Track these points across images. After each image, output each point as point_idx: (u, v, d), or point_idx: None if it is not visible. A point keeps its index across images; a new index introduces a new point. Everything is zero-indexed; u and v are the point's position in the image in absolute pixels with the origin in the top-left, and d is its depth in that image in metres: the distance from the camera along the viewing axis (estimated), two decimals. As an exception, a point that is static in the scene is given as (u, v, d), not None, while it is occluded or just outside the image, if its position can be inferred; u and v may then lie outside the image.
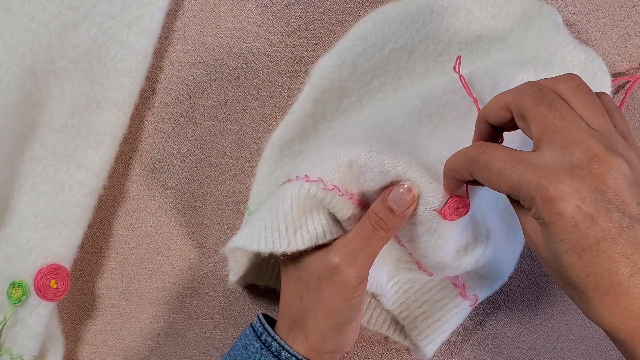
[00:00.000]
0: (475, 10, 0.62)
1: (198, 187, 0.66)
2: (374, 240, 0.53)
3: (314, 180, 0.54)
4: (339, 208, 0.54)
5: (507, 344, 0.66)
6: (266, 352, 0.54)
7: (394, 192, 0.52)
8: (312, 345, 0.54)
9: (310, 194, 0.54)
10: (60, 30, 0.61)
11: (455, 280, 0.60)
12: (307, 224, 0.54)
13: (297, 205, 0.54)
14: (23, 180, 0.60)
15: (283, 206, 0.54)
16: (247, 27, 0.66)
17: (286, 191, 0.54)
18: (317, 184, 0.54)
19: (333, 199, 0.54)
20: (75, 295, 0.64)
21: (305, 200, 0.54)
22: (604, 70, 0.58)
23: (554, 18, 0.60)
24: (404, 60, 0.62)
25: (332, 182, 0.54)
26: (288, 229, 0.54)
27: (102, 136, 0.62)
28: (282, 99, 0.66)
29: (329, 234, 0.54)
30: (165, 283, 0.65)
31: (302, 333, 0.54)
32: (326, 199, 0.54)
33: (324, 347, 0.54)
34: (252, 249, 0.55)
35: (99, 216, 0.64)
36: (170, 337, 0.65)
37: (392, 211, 0.52)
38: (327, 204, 0.54)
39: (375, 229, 0.53)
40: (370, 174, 0.54)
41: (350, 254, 0.52)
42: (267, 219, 0.55)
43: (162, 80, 0.66)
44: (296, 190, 0.54)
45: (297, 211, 0.54)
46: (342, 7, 0.67)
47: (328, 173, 0.54)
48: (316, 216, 0.55)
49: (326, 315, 0.53)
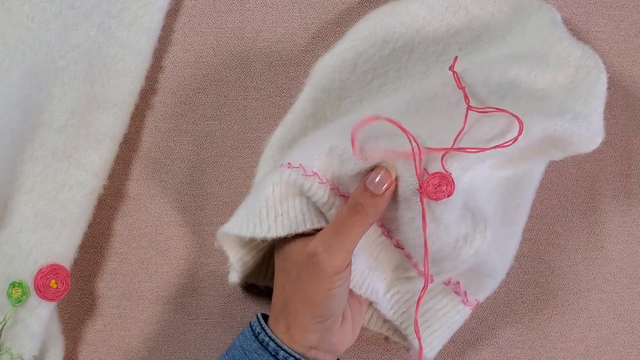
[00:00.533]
0: (475, 9, 0.62)
1: (198, 187, 0.66)
2: (349, 226, 0.52)
3: (295, 167, 0.54)
4: (319, 195, 0.55)
5: (507, 344, 0.66)
6: (263, 351, 0.54)
7: (372, 174, 0.53)
8: (294, 337, 0.54)
9: (290, 179, 0.54)
10: (60, 30, 0.61)
11: (457, 288, 0.60)
12: (287, 211, 0.55)
13: (279, 191, 0.55)
14: (23, 180, 0.60)
15: (265, 192, 0.55)
16: (247, 27, 0.66)
17: (269, 178, 0.55)
18: (297, 170, 0.54)
19: (312, 185, 0.54)
20: (75, 295, 0.64)
21: (287, 186, 0.54)
22: (600, 66, 0.58)
23: (552, 15, 0.60)
24: (404, 60, 0.62)
25: (312, 168, 0.54)
26: (269, 214, 0.54)
27: (102, 136, 0.62)
28: (282, 99, 0.66)
29: (309, 222, 0.54)
30: (165, 283, 0.65)
31: (285, 323, 0.54)
32: (305, 185, 0.54)
33: (305, 340, 0.54)
34: (234, 232, 0.55)
35: (99, 216, 0.64)
36: (170, 337, 0.65)
37: (371, 193, 0.52)
38: (307, 191, 0.54)
39: (351, 213, 0.52)
40: (349, 163, 0.54)
41: (326, 241, 0.52)
42: (250, 205, 0.56)
43: (162, 80, 0.66)
44: (277, 176, 0.55)
45: (278, 197, 0.55)
46: (342, 7, 0.67)
47: (308, 159, 0.54)
48: (298, 203, 0.55)
49: (305, 305, 0.53)
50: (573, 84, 0.58)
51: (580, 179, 0.66)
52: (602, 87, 0.58)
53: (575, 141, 0.56)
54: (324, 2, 0.67)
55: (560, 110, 0.56)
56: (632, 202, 0.66)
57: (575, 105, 0.57)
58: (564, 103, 0.57)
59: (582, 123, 0.56)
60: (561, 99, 0.57)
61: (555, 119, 0.55)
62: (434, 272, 0.57)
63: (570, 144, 0.57)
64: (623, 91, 0.66)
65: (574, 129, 0.55)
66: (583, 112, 0.56)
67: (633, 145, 0.67)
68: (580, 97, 0.57)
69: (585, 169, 0.66)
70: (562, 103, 0.57)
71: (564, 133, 0.55)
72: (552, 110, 0.56)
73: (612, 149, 0.66)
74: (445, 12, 0.62)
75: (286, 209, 0.55)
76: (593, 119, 0.57)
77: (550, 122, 0.55)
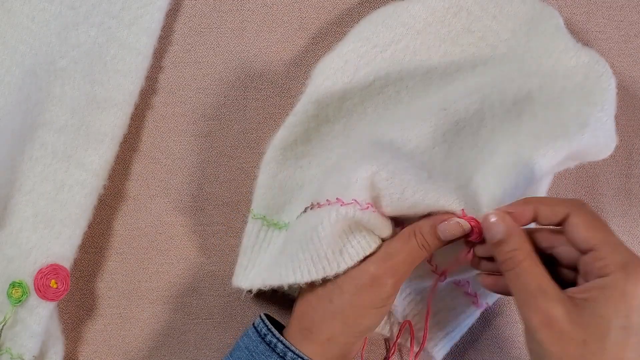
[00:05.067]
0: (476, 11, 0.62)
1: (198, 187, 0.66)
2: (418, 259, 0.54)
3: (349, 203, 0.55)
4: (376, 224, 0.55)
5: (507, 344, 0.66)
6: (271, 353, 0.54)
7: (447, 223, 0.53)
8: (329, 349, 0.54)
9: (348, 216, 0.54)
10: (61, 30, 0.61)
11: (467, 289, 0.60)
12: (350, 241, 0.55)
13: (336, 228, 0.55)
14: (23, 180, 0.60)
15: (324, 232, 0.55)
16: (247, 27, 0.66)
17: (321, 217, 0.55)
18: (353, 206, 0.55)
19: (371, 217, 0.55)
20: (75, 295, 0.64)
21: (344, 222, 0.55)
22: (608, 72, 0.58)
23: (555, 21, 0.60)
24: (406, 62, 0.62)
25: (366, 201, 0.55)
26: (334, 252, 0.55)
27: (102, 136, 0.62)
28: (282, 100, 0.66)
29: (373, 243, 0.55)
30: (165, 283, 0.65)
31: (324, 335, 0.54)
32: (364, 219, 0.55)
33: (340, 352, 0.55)
34: (304, 280, 0.55)
35: (99, 216, 0.64)
36: (170, 337, 0.65)
37: (439, 239, 0.54)
38: (366, 223, 0.55)
39: (420, 248, 0.54)
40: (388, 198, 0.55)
41: (394, 268, 0.54)
42: (309, 249, 0.55)
43: (162, 80, 0.66)
44: (334, 215, 0.55)
45: (337, 233, 0.55)
46: (342, 7, 0.67)
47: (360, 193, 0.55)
48: (356, 231, 0.55)
49: (357, 320, 0.54)
50: (584, 91, 0.57)
51: (581, 179, 0.66)
52: (613, 92, 0.58)
53: (593, 151, 0.57)
54: (324, 2, 0.67)
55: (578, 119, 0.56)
56: (632, 202, 0.66)
57: (594, 112, 0.56)
58: (581, 110, 0.56)
59: (600, 134, 0.56)
60: (577, 106, 0.57)
61: (576, 137, 0.55)
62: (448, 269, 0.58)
63: (587, 154, 0.57)
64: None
65: (593, 141, 0.56)
66: (602, 119, 0.56)
67: (633, 145, 0.67)
68: (597, 102, 0.57)
69: (585, 169, 0.66)
70: (579, 110, 0.56)
71: (584, 146, 0.56)
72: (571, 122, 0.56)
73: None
74: (446, 14, 0.61)
75: (347, 240, 0.55)
76: (609, 125, 0.57)
77: (572, 144, 0.55)
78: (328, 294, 0.55)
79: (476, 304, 0.60)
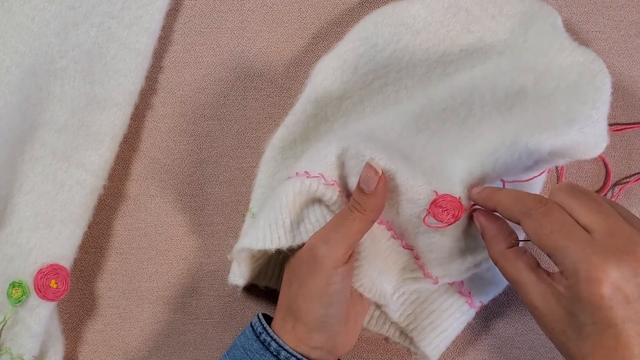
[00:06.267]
0: (475, 11, 0.62)
1: (198, 187, 0.66)
2: (348, 221, 0.54)
3: (314, 176, 0.56)
4: (338, 204, 0.56)
5: (507, 343, 0.66)
6: (265, 351, 0.54)
7: (362, 173, 0.54)
8: (299, 337, 0.54)
9: (311, 189, 0.56)
10: (60, 30, 0.61)
11: (461, 288, 0.60)
12: (309, 216, 0.56)
13: (299, 200, 0.56)
14: (23, 180, 0.60)
15: (286, 202, 0.56)
16: (247, 27, 0.66)
17: (287, 188, 0.56)
18: (317, 179, 0.56)
19: (333, 195, 0.56)
20: (75, 295, 0.64)
21: (307, 195, 0.56)
22: (604, 71, 0.58)
23: (552, 20, 0.60)
24: (405, 61, 0.62)
25: (332, 177, 0.56)
26: (292, 223, 0.56)
27: (102, 136, 0.62)
28: (282, 99, 0.66)
29: None
30: (165, 283, 0.65)
31: (291, 322, 0.55)
32: (327, 194, 0.56)
33: (310, 340, 0.54)
34: (258, 247, 0.55)
35: (99, 216, 0.64)
36: (170, 337, 0.65)
37: (363, 191, 0.54)
38: (328, 199, 0.56)
39: (351, 210, 0.54)
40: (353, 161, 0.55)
41: (324, 235, 0.54)
42: (270, 217, 0.56)
43: (162, 80, 0.66)
44: (298, 185, 0.56)
45: (299, 206, 0.56)
46: (342, 7, 0.67)
47: (328, 169, 0.56)
48: (317, 208, 0.56)
49: (307, 300, 0.54)
50: (577, 89, 0.58)
51: (581, 179, 0.66)
52: (607, 92, 0.58)
53: (582, 149, 0.57)
54: (324, 2, 0.67)
55: (568, 117, 0.56)
56: (632, 202, 0.66)
57: (584, 110, 0.56)
58: (571, 108, 0.57)
59: (589, 131, 0.56)
60: (567, 105, 0.57)
61: (563, 132, 0.55)
62: (440, 275, 0.58)
63: (576, 152, 0.57)
64: (623, 91, 0.66)
65: (580, 138, 0.55)
66: (592, 118, 0.56)
67: (633, 145, 0.67)
68: (588, 101, 0.57)
69: (585, 169, 0.66)
70: (569, 109, 0.57)
71: (572, 143, 0.56)
72: (560, 118, 0.56)
73: (612, 149, 0.66)
74: (446, 14, 0.61)
75: (307, 215, 0.56)
76: (600, 124, 0.57)
77: (558, 139, 0.55)
78: (289, 278, 0.55)
79: (470, 304, 0.60)
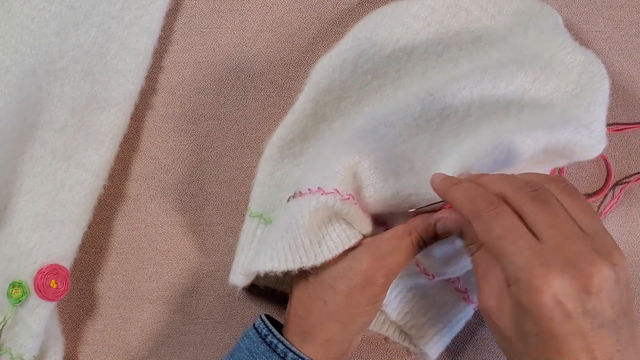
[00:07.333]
0: (475, 11, 0.62)
1: (198, 187, 0.66)
2: (411, 257, 0.55)
3: (329, 192, 0.55)
4: (356, 217, 0.56)
5: (507, 344, 0.66)
6: (272, 354, 0.54)
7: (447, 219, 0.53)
8: (329, 349, 0.55)
9: (328, 205, 0.55)
10: (60, 30, 0.61)
11: (458, 285, 0.60)
12: (329, 233, 0.55)
13: (316, 218, 0.55)
14: (23, 180, 0.60)
15: (302, 222, 0.55)
16: (247, 27, 0.67)
17: (301, 206, 0.55)
18: (333, 195, 0.55)
19: (351, 209, 0.55)
20: (75, 295, 0.64)
21: (324, 212, 0.55)
22: (602, 72, 0.58)
23: (554, 19, 0.60)
24: (404, 61, 0.62)
25: (347, 191, 0.56)
26: (312, 242, 0.55)
27: (102, 136, 0.62)
28: (282, 99, 0.66)
29: (353, 238, 0.55)
30: (165, 283, 0.65)
31: (322, 337, 0.55)
32: (344, 209, 0.55)
33: (340, 350, 0.55)
34: (281, 269, 0.55)
35: (99, 216, 0.64)
36: (170, 337, 0.65)
37: (435, 236, 0.54)
38: (345, 214, 0.55)
39: (415, 246, 0.54)
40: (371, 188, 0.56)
41: (387, 267, 0.54)
42: (288, 237, 0.55)
43: (162, 80, 0.66)
44: (313, 204, 0.55)
45: (316, 223, 0.55)
46: (342, 7, 0.67)
47: (342, 184, 0.56)
48: (336, 224, 0.55)
49: (353, 318, 0.54)
50: (576, 91, 0.58)
51: (581, 179, 0.66)
52: (605, 94, 0.58)
53: (578, 150, 0.57)
54: (324, 2, 0.67)
55: (563, 119, 0.56)
56: (632, 202, 0.66)
57: (578, 114, 0.56)
58: (567, 111, 0.57)
59: (584, 133, 0.56)
60: (564, 107, 0.57)
61: (558, 131, 0.55)
62: (435, 272, 0.58)
63: (573, 153, 0.57)
64: (623, 91, 0.66)
65: (576, 139, 0.56)
66: (585, 121, 0.56)
67: (633, 145, 0.67)
68: (582, 104, 0.57)
69: (585, 169, 0.66)
70: (564, 111, 0.57)
71: (567, 143, 0.56)
72: (555, 120, 0.56)
73: (612, 149, 0.66)
74: (445, 13, 0.61)
75: (327, 232, 0.55)
76: (595, 127, 0.57)
77: (552, 137, 0.55)
78: (321, 295, 0.55)
79: (467, 300, 0.60)
